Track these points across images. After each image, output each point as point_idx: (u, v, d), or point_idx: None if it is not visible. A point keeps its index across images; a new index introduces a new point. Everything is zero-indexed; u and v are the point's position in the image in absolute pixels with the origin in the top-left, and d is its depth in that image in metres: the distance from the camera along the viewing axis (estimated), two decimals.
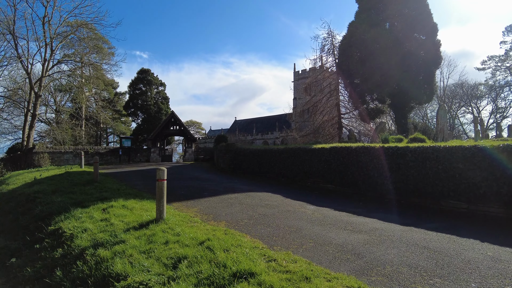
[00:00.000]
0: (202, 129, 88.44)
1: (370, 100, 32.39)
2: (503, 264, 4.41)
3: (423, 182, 9.20)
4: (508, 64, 50.85)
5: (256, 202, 9.19)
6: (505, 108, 50.31)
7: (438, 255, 4.74)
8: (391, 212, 8.30)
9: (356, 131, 32.46)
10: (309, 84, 37.57)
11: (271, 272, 4.00)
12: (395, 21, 30.28)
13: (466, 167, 8.40)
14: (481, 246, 5.24)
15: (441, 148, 8.95)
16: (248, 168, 17.91)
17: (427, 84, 30.30)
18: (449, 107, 50.41)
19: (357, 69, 29.84)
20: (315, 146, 13.37)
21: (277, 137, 56.37)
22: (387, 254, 4.79)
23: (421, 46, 29.85)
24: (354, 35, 30.65)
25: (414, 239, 5.61)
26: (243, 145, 22.49)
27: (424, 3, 30.27)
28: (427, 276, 3.99)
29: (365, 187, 10.90)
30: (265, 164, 16.15)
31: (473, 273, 4.10)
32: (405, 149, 9.73)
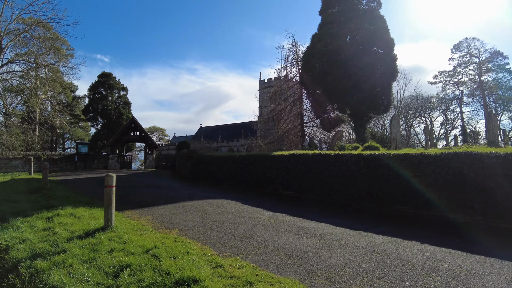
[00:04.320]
0: (166, 136, 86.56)
1: (331, 109, 33.44)
2: (436, 263, 4.69)
3: (375, 188, 9.60)
4: (456, 79, 55.00)
5: (213, 209, 9.10)
6: (453, 119, 54.22)
7: (381, 257, 4.95)
8: (344, 217, 8.56)
9: (317, 139, 33.29)
10: (274, 93, 38.15)
11: (215, 278, 3.96)
12: (355, 35, 31.68)
13: (413, 173, 8.90)
14: (420, 248, 5.55)
15: (391, 155, 9.42)
16: (209, 175, 17.73)
17: (384, 95, 31.87)
18: (405, 117, 53.37)
19: (319, 79, 30.78)
20: (275, 153, 13.54)
21: (242, 144, 56.48)
22: (333, 257, 4.93)
23: (379, 60, 31.40)
24: (316, 46, 31.66)
25: (361, 242, 5.82)
26: (204, 152, 22.28)
27: (382, 19, 31.99)
28: (367, 278, 4.14)
29: (321, 193, 11.17)
30: (227, 171, 16.09)
31: (409, 272, 4.32)
32: (358, 156, 10.13)
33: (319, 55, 31.38)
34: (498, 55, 51.92)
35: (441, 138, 48.84)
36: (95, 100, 49.38)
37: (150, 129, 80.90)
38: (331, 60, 30.80)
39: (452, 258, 4.96)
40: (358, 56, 30.10)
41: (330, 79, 30.01)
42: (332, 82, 29.89)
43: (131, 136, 36.06)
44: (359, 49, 30.25)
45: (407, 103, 53.21)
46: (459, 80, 54.83)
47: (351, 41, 31.85)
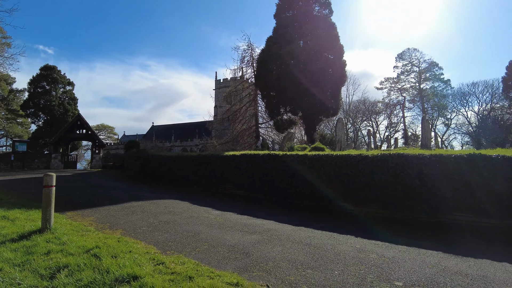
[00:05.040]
0: (115, 134, 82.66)
1: (284, 111, 34.33)
2: (365, 254, 5.19)
3: (319, 186, 10.17)
4: (400, 86, 59.40)
5: (160, 210, 9.03)
6: (397, 123, 58.45)
7: (316, 250, 5.35)
8: (289, 214, 8.98)
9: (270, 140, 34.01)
10: (229, 93, 38.27)
11: (156, 274, 4.04)
12: (308, 40, 32.84)
13: (353, 173, 9.58)
14: (353, 241, 6.07)
15: (333, 156, 10.05)
16: (160, 175, 17.41)
17: (334, 99, 33.41)
18: (354, 120, 56.43)
19: (273, 82, 31.47)
20: (226, 153, 13.72)
21: (196, 144, 55.84)
22: (272, 251, 5.22)
23: (329, 65, 32.87)
24: (271, 49, 32.36)
25: (301, 237, 6.21)
26: (155, 152, 21.79)
27: (333, 27, 33.51)
28: (301, 268, 4.48)
29: (270, 192, 11.55)
30: (178, 171, 15.93)
31: (340, 262, 4.75)
32: (304, 157, 10.66)
33: (274, 58, 32.13)
34: (434, 65, 57.09)
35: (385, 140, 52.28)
36: (37, 95, 45.76)
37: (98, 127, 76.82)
38: (284, 64, 31.67)
39: (379, 249, 5.52)
40: (310, 61, 31.30)
41: (284, 82, 30.86)
42: (285, 85, 30.75)
43: (77, 134, 34.07)
44: (312, 54, 31.48)
45: (355, 107, 56.38)
46: (402, 87, 59.40)
47: (304, 46, 32.97)
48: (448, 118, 57.14)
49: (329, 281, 4.06)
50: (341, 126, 16.04)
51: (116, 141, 76.31)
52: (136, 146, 25.07)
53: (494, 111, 52.06)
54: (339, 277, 4.17)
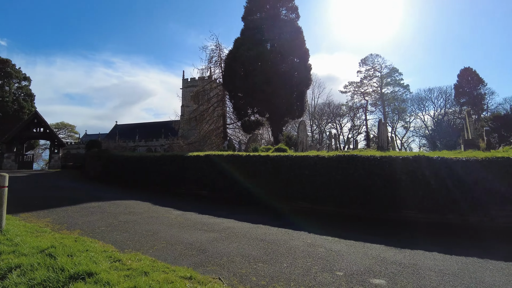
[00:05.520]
0: (76, 133, 79.05)
1: (252, 113, 34.74)
2: (314, 248, 5.60)
3: (279, 186, 10.58)
4: (363, 90, 61.96)
5: (120, 210, 9.00)
6: (359, 125, 60.90)
7: (270, 245, 5.68)
8: (249, 213, 9.28)
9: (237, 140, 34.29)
10: (197, 93, 38.04)
11: (112, 271, 4.16)
12: (275, 43, 33.46)
13: (311, 173, 10.08)
14: (306, 236, 6.48)
15: (293, 157, 10.50)
16: (122, 176, 17.08)
17: (299, 101, 34.33)
18: (319, 122, 58.07)
19: (241, 83, 31.80)
20: (190, 154, 13.80)
21: (162, 144, 54.82)
22: (228, 248, 5.49)
23: (295, 68, 33.70)
24: (239, 51, 32.65)
25: (257, 234, 6.53)
26: (118, 152, 21.31)
27: (299, 31, 34.39)
28: (253, 262, 4.79)
29: (234, 192, 11.80)
30: (141, 172, 15.73)
31: (290, 256, 5.11)
32: (265, 157, 11.03)
33: (241, 60, 32.45)
34: (395, 71, 60.21)
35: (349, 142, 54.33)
36: None
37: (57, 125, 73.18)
38: (252, 65, 32.07)
39: (328, 244, 5.95)
40: (277, 63, 31.94)
41: (251, 84, 31.25)
42: (252, 87, 31.15)
43: (34, 132, 32.34)
44: (278, 57, 32.13)
45: (320, 109, 58.14)
46: (365, 91, 62.05)
47: (271, 49, 33.57)
48: (407, 121, 60.62)
49: (277, 272, 4.39)
50: (303, 128, 16.64)
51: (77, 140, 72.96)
52: (98, 145, 24.31)
53: (447, 115, 55.83)
54: (287, 269, 4.52)
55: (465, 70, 53.57)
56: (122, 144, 45.13)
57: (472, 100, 51.03)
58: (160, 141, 57.14)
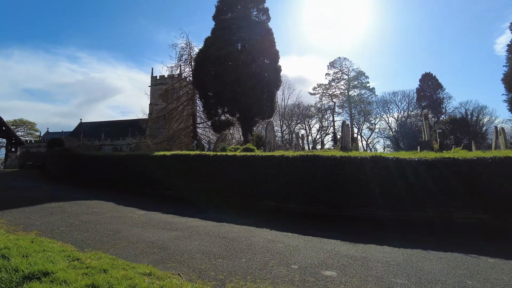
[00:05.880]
0: (36, 131, 74.87)
1: (222, 112, 34.77)
2: (273, 244, 5.86)
3: (246, 185, 10.78)
4: (331, 92, 63.69)
5: (82, 210, 8.82)
6: (327, 127, 62.59)
7: (231, 242, 5.87)
8: (215, 212, 9.41)
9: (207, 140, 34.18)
10: (166, 91, 37.45)
11: (70, 270, 4.17)
12: (246, 43, 33.68)
13: (276, 172, 10.37)
14: (267, 233, 6.73)
15: (259, 157, 10.74)
16: (86, 175, 16.56)
17: (269, 102, 34.76)
18: (289, 123, 59.03)
19: (211, 82, 31.73)
20: (157, 153, 13.68)
21: (129, 143, 53.35)
22: (190, 245, 5.62)
23: (265, 69, 34.11)
24: (209, 50, 32.56)
25: (220, 232, 6.69)
26: (82, 150, 20.63)
27: (270, 32, 34.82)
28: (213, 258, 4.95)
29: (200, 192, 11.86)
30: (106, 171, 15.35)
31: (249, 252, 5.32)
32: (233, 157, 11.20)
33: (212, 59, 32.38)
34: (361, 74, 62.46)
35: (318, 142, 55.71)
36: None
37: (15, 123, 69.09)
38: (222, 65, 32.12)
39: (288, 240, 6.24)
40: (247, 64, 32.19)
41: (221, 83, 31.30)
42: (223, 86, 31.21)
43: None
44: (249, 57, 32.39)
45: (290, 110, 59.15)
46: (333, 93, 63.83)
47: (241, 49, 33.77)
48: (372, 123, 63.07)
49: (236, 267, 4.59)
50: (271, 129, 16.98)
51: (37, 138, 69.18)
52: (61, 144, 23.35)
53: (410, 117, 58.69)
54: (245, 264, 4.73)
55: (426, 75, 56.64)
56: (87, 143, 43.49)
57: (432, 103, 54.06)
58: (127, 140, 55.56)
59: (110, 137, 58.16)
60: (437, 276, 4.52)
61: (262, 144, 22.72)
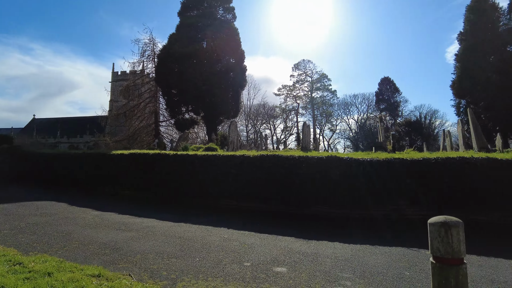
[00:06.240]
0: None
1: (186, 110, 34.31)
2: (229, 242, 5.94)
3: (207, 184, 10.76)
4: (295, 93, 64.95)
5: (30, 212, 8.35)
6: (291, 127, 63.77)
7: (186, 242, 5.87)
8: (173, 212, 9.32)
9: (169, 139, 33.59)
10: (127, 87, 36.23)
11: (9, 275, 3.97)
12: (211, 42, 33.45)
13: (237, 172, 10.45)
14: (224, 232, 6.80)
15: (220, 156, 10.78)
16: (38, 175, 15.62)
17: (234, 101, 34.81)
18: (254, 122, 59.40)
19: (175, 80, 31.21)
20: (115, 152, 13.26)
21: (87, 141, 50.91)
22: (144, 246, 5.55)
23: (231, 68, 34.11)
24: (173, 47, 31.99)
25: (177, 232, 6.66)
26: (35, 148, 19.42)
27: (236, 32, 34.85)
28: (167, 258, 4.93)
29: (159, 191, 11.66)
30: (60, 171, 14.60)
31: (204, 251, 5.36)
32: (193, 156, 11.14)
33: (176, 56, 31.86)
34: (324, 77, 64.37)
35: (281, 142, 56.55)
36: None
37: None
38: (187, 63, 31.71)
39: (243, 238, 6.35)
40: (213, 62, 32.03)
41: (186, 81, 30.89)
42: (187, 84, 30.81)
43: None
44: (214, 56, 32.25)
45: (256, 110, 59.57)
46: (297, 94, 65.19)
47: (207, 47, 33.52)
48: (333, 124, 65.21)
49: (189, 266, 4.61)
50: (234, 128, 17.05)
51: None
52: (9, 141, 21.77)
53: (369, 119, 61.33)
54: (198, 263, 4.77)
55: (385, 79, 59.51)
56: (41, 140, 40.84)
57: (390, 106, 56.92)
58: (85, 138, 53.01)
59: (66, 135, 55.14)
60: (379, 269, 4.83)
61: (226, 143, 22.77)
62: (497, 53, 28.74)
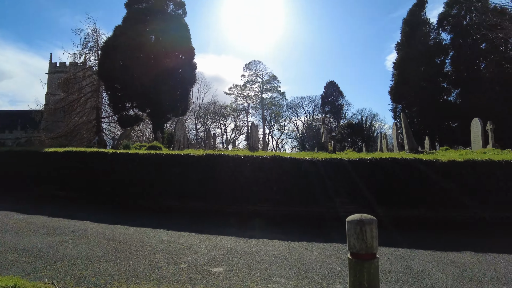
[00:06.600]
0: None
1: (131, 107, 32.87)
2: (167, 244, 5.81)
3: (149, 184, 10.37)
4: (245, 93, 65.42)
5: None
6: (242, 127, 64.15)
7: (121, 245, 5.62)
8: (111, 213, 8.89)
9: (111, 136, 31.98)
10: (66, 80, 33.74)
11: None
12: (160, 37, 32.37)
13: (181, 171, 10.22)
14: (163, 234, 6.63)
15: (163, 155, 10.48)
16: None
17: (183, 99, 34.09)
18: (204, 121, 58.69)
19: (120, 74, 29.69)
20: (47, 150, 12.22)
21: (18, 137, 46.26)
22: (73, 250, 5.20)
23: (180, 65, 33.34)
24: (119, 39, 30.43)
25: (112, 234, 6.34)
26: None
27: (186, 28, 34.11)
28: (98, 263, 4.67)
29: (97, 192, 10.99)
30: None
31: (139, 254, 5.18)
32: (134, 155, 10.68)
33: (122, 49, 30.36)
34: (274, 78, 65.73)
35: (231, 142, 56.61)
36: None
37: None
38: (133, 56, 30.38)
39: (183, 239, 6.24)
40: (161, 58, 31.01)
41: (131, 76, 29.59)
42: (133, 79, 29.53)
43: None
44: (163, 51, 31.26)
45: (206, 109, 58.89)
46: (247, 94, 65.75)
47: (155, 42, 32.41)
48: (282, 125, 66.95)
49: (121, 270, 4.42)
50: (181, 126, 16.70)
51: None
52: None
53: (315, 121, 63.89)
54: (132, 266, 4.59)
55: (330, 83, 62.56)
56: None
57: (334, 109, 59.97)
58: (15, 134, 48.11)
59: None
60: (314, 265, 5.06)
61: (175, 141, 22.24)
62: (427, 64, 31.65)
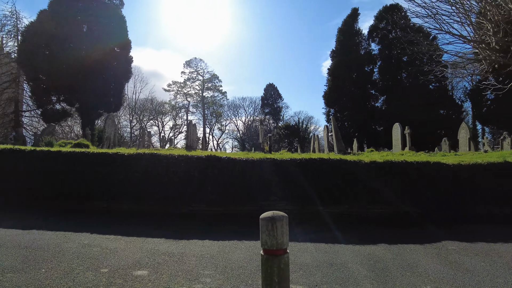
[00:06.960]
0: None
1: (57, 100, 30.27)
2: (88, 248, 5.46)
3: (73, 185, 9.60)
4: (186, 91, 64.11)
5: None
6: (181, 125, 62.67)
7: (34, 252, 5.12)
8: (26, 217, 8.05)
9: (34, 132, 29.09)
10: None
11: None
12: (93, 26, 30.20)
13: (109, 171, 9.65)
14: (85, 237, 6.20)
15: (89, 153, 9.80)
16: None
17: (117, 94, 32.23)
18: (140, 118, 56.06)
19: (44, 63, 27.11)
20: None
21: None
22: None
23: (115, 57, 31.47)
24: (44, 25, 27.75)
25: (23, 241, 5.75)
26: None
27: (123, 19, 32.32)
28: (1, 274, 4.20)
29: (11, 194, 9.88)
30: None
31: (54, 260, 4.78)
32: (57, 153, 9.85)
33: (47, 36, 27.78)
34: (215, 77, 65.42)
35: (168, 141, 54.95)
36: None
37: None
38: (61, 45, 27.99)
39: (107, 242, 5.91)
40: (93, 49, 28.94)
41: (58, 66, 27.23)
42: (60, 70, 27.22)
43: None
44: (95, 42, 29.21)
45: (142, 105, 56.28)
46: (188, 92, 64.50)
47: (87, 32, 30.23)
48: (223, 124, 66.95)
49: (30, 280, 4.03)
50: (111, 123, 15.76)
51: None
52: None
53: (255, 122, 65.06)
54: (44, 274, 4.22)
55: (269, 85, 64.26)
56: None
57: (273, 110, 61.74)
58: None
59: None
60: (241, 263, 5.16)
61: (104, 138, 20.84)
62: (358, 71, 34.22)
